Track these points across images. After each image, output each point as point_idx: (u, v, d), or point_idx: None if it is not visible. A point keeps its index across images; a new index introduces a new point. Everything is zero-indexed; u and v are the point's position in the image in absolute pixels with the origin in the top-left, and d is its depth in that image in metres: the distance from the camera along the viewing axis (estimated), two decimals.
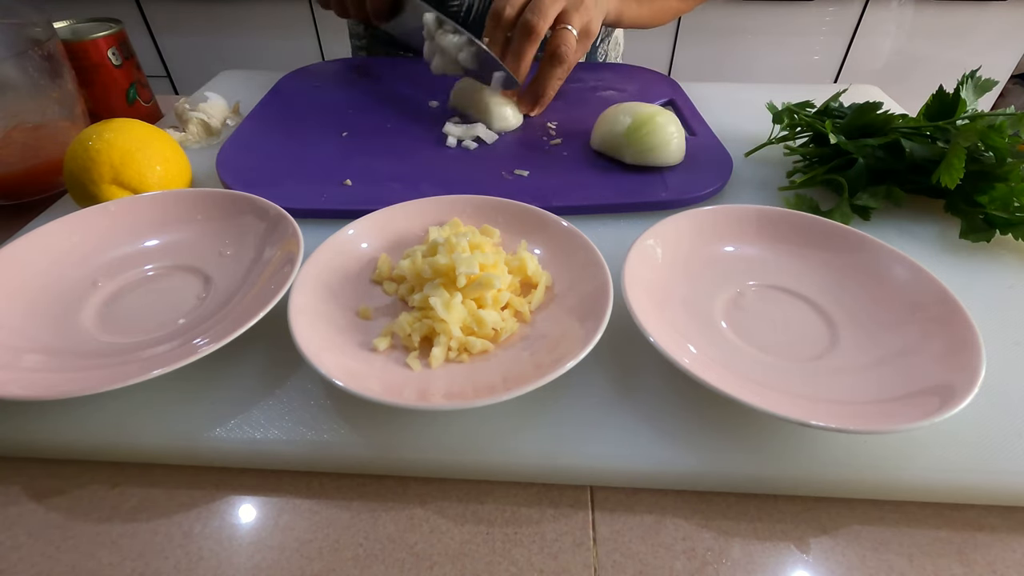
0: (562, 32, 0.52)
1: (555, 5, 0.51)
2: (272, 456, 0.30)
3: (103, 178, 0.43)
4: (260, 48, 1.70)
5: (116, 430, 0.30)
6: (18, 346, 0.32)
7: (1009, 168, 0.43)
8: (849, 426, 0.26)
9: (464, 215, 0.42)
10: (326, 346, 0.31)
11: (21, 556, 0.27)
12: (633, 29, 0.71)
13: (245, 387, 0.32)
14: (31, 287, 0.36)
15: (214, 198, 0.42)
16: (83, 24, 0.61)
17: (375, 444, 0.30)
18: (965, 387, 0.27)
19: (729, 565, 0.27)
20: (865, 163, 0.46)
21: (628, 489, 0.30)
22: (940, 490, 0.29)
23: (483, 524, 0.28)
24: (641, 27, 0.67)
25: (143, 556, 0.27)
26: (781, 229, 0.40)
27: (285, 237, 0.38)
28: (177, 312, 0.36)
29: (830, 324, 0.35)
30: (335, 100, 0.64)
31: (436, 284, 0.34)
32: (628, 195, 0.47)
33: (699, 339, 0.33)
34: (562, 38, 0.52)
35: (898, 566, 0.27)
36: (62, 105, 0.53)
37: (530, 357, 0.32)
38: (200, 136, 0.58)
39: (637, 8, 0.63)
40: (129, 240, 0.41)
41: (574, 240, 0.38)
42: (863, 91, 0.69)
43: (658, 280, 0.36)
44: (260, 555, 0.27)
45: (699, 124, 0.58)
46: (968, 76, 0.48)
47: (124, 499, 0.29)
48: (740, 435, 0.30)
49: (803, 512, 0.29)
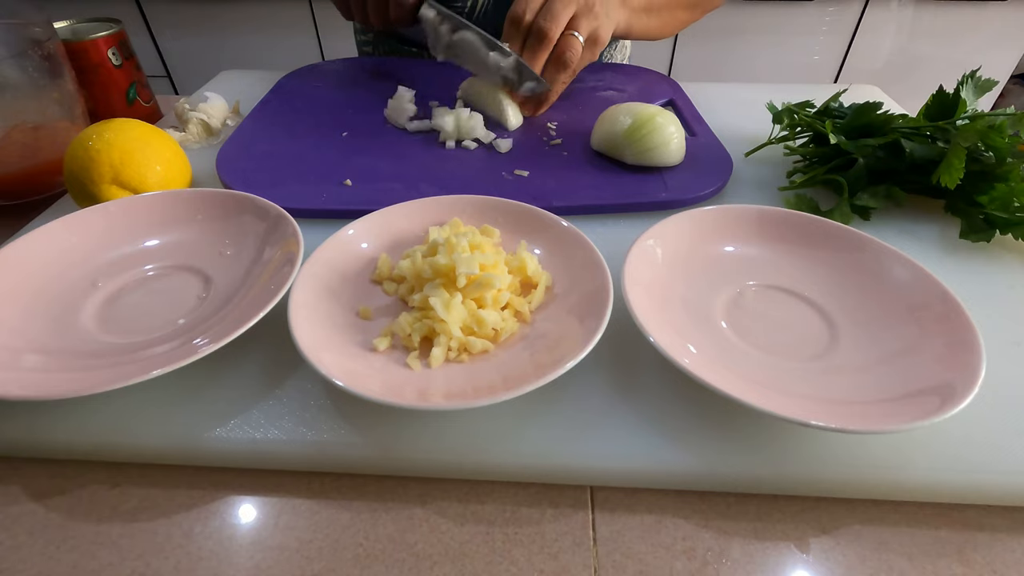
0: (568, 38, 0.53)
1: (566, 11, 0.52)
2: (272, 456, 0.30)
3: (103, 178, 0.43)
4: (260, 48, 1.70)
5: (116, 430, 0.30)
6: (18, 346, 0.32)
7: (1009, 168, 0.43)
8: (849, 426, 0.26)
9: (464, 215, 0.42)
10: (326, 346, 0.31)
11: (21, 556, 0.27)
12: (642, 41, 0.71)
13: (245, 387, 0.32)
14: (31, 287, 0.36)
15: (214, 198, 0.42)
16: (83, 24, 0.61)
17: (375, 444, 0.30)
18: (965, 387, 0.27)
19: (729, 565, 0.27)
20: (865, 163, 0.46)
21: (628, 489, 0.30)
22: (940, 490, 0.29)
23: (483, 524, 0.28)
24: (650, 39, 0.67)
25: (143, 556, 0.27)
26: (781, 229, 0.40)
27: (285, 237, 0.38)
28: (177, 312, 0.36)
29: (830, 324, 0.35)
30: (335, 100, 0.64)
31: (436, 284, 0.34)
32: (628, 195, 0.47)
33: (699, 339, 0.33)
34: (568, 44, 0.53)
35: (898, 566, 0.27)
36: (62, 105, 0.53)
37: (530, 357, 0.32)
38: (200, 136, 0.58)
39: (647, 20, 0.64)
40: (129, 240, 0.41)
41: (574, 240, 0.38)
42: (863, 91, 0.69)
43: (658, 280, 0.36)
44: (260, 555, 0.27)
45: (699, 124, 0.58)
46: (968, 76, 0.48)
47: (124, 499, 0.29)
48: (740, 435, 0.30)
49: (803, 512, 0.29)
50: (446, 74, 0.66)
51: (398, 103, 0.58)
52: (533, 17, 0.53)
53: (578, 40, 0.53)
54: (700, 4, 0.70)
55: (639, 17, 0.62)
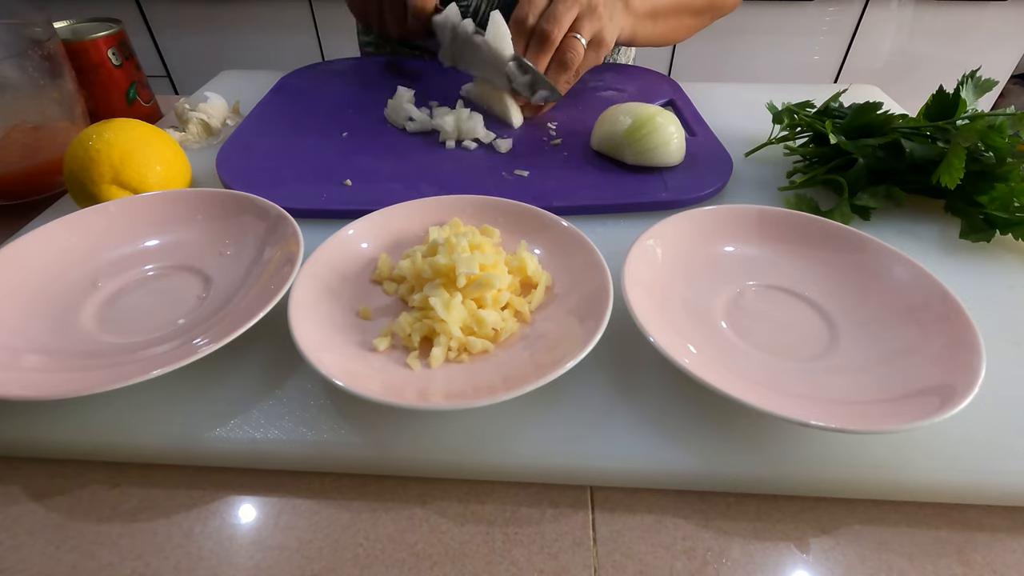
0: (570, 40, 0.54)
1: (569, 13, 0.53)
2: (272, 456, 0.30)
3: (103, 178, 0.43)
4: (260, 48, 1.70)
5: (116, 430, 0.30)
6: (18, 346, 0.32)
7: (1009, 168, 0.43)
8: (849, 426, 0.26)
9: (464, 215, 0.42)
10: (326, 346, 0.31)
11: (21, 556, 0.27)
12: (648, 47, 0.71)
13: (245, 387, 0.32)
14: (31, 287, 0.36)
15: (214, 198, 0.42)
16: (83, 24, 0.61)
17: (375, 444, 0.30)
18: (965, 387, 0.27)
19: (729, 565, 0.27)
20: (865, 163, 0.46)
21: (628, 489, 0.30)
22: (940, 490, 0.29)
23: (483, 524, 0.28)
24: (656, 45, 0.67)
25: (143, 556, 0.27)
26: (781, 229, 0.40)
27: (285, 237, 0.38)
28: (177, 312, 0.36)
29: (830, 324, 0.35)
30: (335, 100, 0.64)
31: (436, 284, 0.34)
32: (628, 195, 0.47)
33: (699, 339, 0.33)
34: (570, 45, 0.54)
35: (898, 566, 0.27)
36: (62, 105, 0.53)
37: (530, 357, 0.32)
38: (200, 136, 0.58)
39: (652, 27, 0.64)
40: (129, 240, 0.41)
41: (574, 240, 0.38)
42: (863, 91, 0.69)
43: (658, 280, 0.36)
44: (260, 555, 0.27)
45: (699, 124, 0.58)
46: (968, 76, 0.48)
47: (124, 499, 0.29)
48: (740, 435, 0.30)
49: (803, 512, 0.29)
50: (446, 74, 0.66)
51: (398, 103, 0.58)
52: (536, 20, 0.53)
53: (580, 42, 0.54)
54: (709, 10, 0.70)
55: (644, 24, 0.62)
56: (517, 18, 0.54)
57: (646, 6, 0.61)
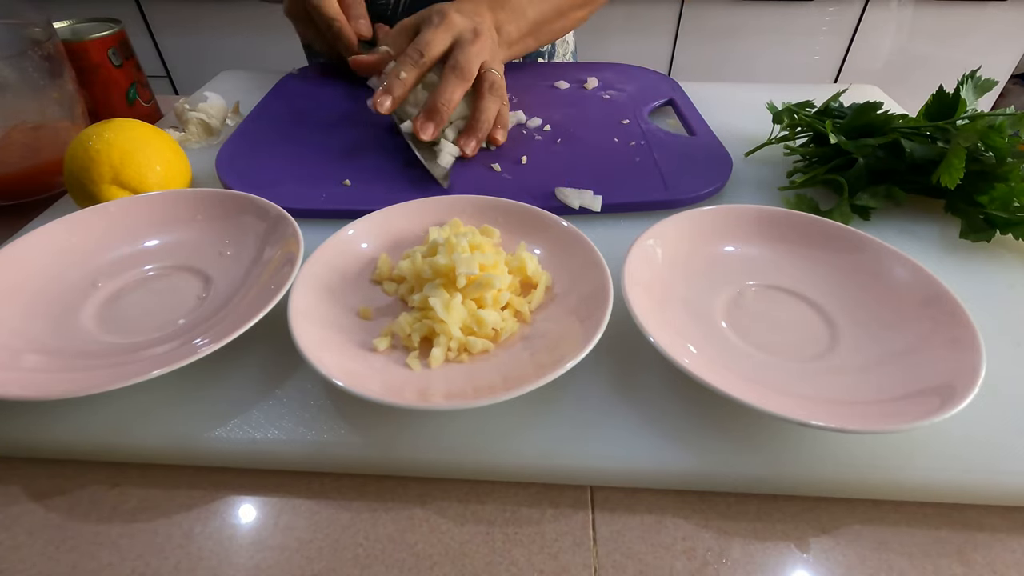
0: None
1: (441, 40, 0.51)
2: (272, 456, 0.30)
3: (103, 178, 0.43)
4: (260, 48, 1.70)
5: (116, 430, 0.30)
6: (18, 346, 0.32)
7: (1009, 168, 0.43)
8: (849, 426, 0.26)
9: (464, 215, 0.42)
10: (326, 346, 0.31)
11: (21, 556, 0.27)
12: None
13: (245, 387, 0.32)
14: (31, 287, 0.36)
15: (214, 198, 0.42)
16: (83, 24, 0.61)
17: (375, 444, 0.30)
18: (965, 387, 0.27)
19: (729, 565, 0.27)
20: (865, 163, 0.46)
21: (628, 489, 0.30)
22: (940, 490, 0.29)
23: (483, 524, 0.28)
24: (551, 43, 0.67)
25: (143, 556, 0.27)
26: (781, 229, 0.40)
27: (285, 237, 0.38)
28: (177, 312, 0.36)
29: (830, 324, 0.35)
30: (335, 100, 0.64)
31: (436, 284, 0.34)
32: (628, 195, 0.47)
33: (699, 339, 0.33)
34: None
35: (898, 566, 0.27)
36: (62, 105, 0.53)
37: (530, 357, 0.32)
38: (200, 136, 0.58)
39: (534, 42, 0.64)
40: (129, 240, 0.41)
41: (574, 240, 0.38)
42: (863, 91, 0.69)
43: (658, 280, 0.36)
44: (260, 555, 0.27)
45: (699, 124, 0.58)
46: (968, 76, 0.48)
47: (124, 499, 0.29)
48: (740, 435, 0.30)
49: (803, 512, 0.29)
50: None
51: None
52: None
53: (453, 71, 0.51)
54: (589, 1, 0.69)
55: (526, 42, 0.62)
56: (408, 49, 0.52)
57: (522, 29, 0.61)
